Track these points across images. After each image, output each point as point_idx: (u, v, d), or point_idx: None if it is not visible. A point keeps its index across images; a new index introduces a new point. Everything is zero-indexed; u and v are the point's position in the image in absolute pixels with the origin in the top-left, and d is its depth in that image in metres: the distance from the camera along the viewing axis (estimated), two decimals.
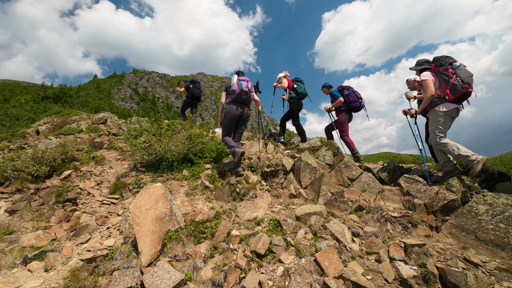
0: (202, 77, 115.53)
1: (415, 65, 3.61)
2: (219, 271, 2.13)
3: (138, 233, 2.48)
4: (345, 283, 1.96)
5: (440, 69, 3.22)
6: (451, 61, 3.22)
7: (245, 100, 4.07)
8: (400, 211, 2.95)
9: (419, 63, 3.54)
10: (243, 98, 4.02)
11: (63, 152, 5.19)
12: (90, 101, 23.76)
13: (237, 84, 4.01)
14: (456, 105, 3.16)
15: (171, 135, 5.57)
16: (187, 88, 8.29)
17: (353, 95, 4.93)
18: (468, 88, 3.03)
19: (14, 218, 3.74)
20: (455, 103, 3.15)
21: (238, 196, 3.60)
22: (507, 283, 1.88)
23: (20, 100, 15.08)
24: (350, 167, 3.79)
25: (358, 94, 4.97)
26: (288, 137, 6.25)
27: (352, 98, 4.91)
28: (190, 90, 8.21)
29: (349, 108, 4.95)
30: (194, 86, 8.25)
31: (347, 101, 4.92)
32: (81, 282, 2.07)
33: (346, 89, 5.02)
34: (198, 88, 8.30)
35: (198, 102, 8.49)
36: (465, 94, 3.07)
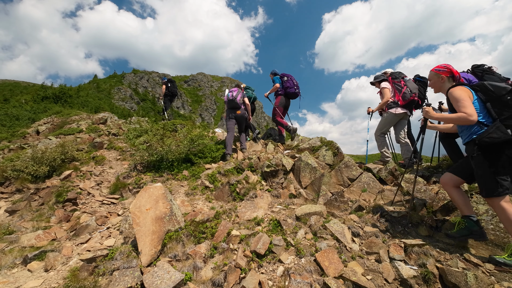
0: (202, 77, 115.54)
1: (374, 79, 4.53)
2: (219, 271, 2.13)
3: (138, 233, 2.48)
4: (345, 283, 1.96)
5: (395, 81, 4.19)
6: (403, 76, 4.21)
7: (234, 105, 5.14)
8: (400, 211, 2.95)
9: (377, 77, 4.48)
10: (232, 105, 5.16)
11: (63, 152, 5.20)
12: (90, 101, 23.75)
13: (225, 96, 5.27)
14: (406, 109, 4.09)
15: (172, 135, 5.57)
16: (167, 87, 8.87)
17: (291, 82, 5.38)
18: (414, 96, 3.99)
19: (14, 218, 3.75)
20: (405, 108, 4.10)
21: (238, 196, 3.59)
22: (507, 283, 1.88)
23: (20, 100, 15.09)
24: (350, 167, 3.79)
25: (295, 82, 5.43)
26: (288, 137, 6.26)
27: (289, 84, 5.37)
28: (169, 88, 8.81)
29: (285, 93, 5.39)
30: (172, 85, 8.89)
31: (284, 86, 5.40)
32: (81, 282, 2.07)
33: (286, 76, 5.49)
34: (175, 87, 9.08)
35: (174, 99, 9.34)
36: (412, 101, 4.03)
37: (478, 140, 2.03)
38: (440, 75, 2.43)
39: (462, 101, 2.06)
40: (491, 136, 1.95)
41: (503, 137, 1.92)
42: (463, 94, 2.09)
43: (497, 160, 1.98)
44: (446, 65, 2.43)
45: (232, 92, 5.21)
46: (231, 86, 5.59)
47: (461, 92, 2.11)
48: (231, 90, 5.30)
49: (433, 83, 2.50)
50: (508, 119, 1.98)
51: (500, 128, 1.95)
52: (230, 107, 5.19)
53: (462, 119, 2.03)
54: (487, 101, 2.09)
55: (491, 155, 2.01)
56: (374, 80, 4.57)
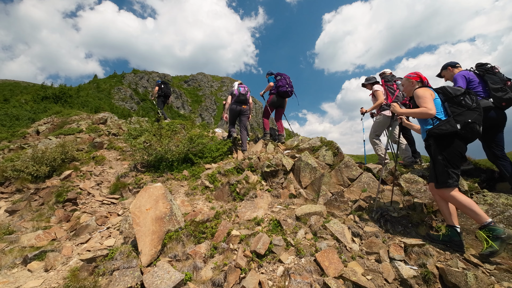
0: (202, 77, 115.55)
1: (365, 81, 4.59)
2: (219, 271, 2.13)
3: (138, 233, 2.48)
4: (345, 283, 1.96)
5: (388, 84, 4.30)
6: (396, 79, 4.32)
7: (243, 100, 5.40)
8: (400, 211, 2.95)
9: (369, 79, 4.54)
10: (241, 99, 5.38)
11: (63, 152, 5.20)
12: (90, 101, 23.75)
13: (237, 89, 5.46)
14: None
15: (171, 135, 5.57)
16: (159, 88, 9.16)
17: (283, 81, 5.38)
18: (406, 100, 4.11)
19: (14, 218, 3.75)
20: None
21: (238, 196, 3.59)
22: (507, 283, 1.88)
23: (20, 100, 15.09)
24: (350, 167, 3.79)
25: (289, 81, 5.42)
26: (288, 137, 6.27)
27: (281, 83, 5.37)
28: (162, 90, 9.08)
29: (278, 93, 5.39)
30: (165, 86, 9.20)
31: (277, 85, 5.40)
32: (81, 282, 2.07)
33: (279, 76, 5.48)
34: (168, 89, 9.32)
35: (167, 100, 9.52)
36: (404, 104, 4.15)
37: (429, 131, 2.35)
38: (411, 80, 2.74)
39: (424, 98, 2.39)
40: (440, 128, 2.27)
41: (450, 129, 2.22)
42: (426, 92, 2.43)
43: (447, 153, 2.28)
44: (416, 72, 2.76)
45: (244, 88, 5.51)
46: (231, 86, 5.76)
47: (423, 91, 2.46)
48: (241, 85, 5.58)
49: (405, 87, 2.81)
50: (459, 115, 2.28)
51: (450, 122, 2.25)
52: (239, 101, 5.40)
53: (423, 112, 2.33)
54: (445, 101, 2.42)
55: (442, 147, 2.30)
56: (365, 82, 4.62)
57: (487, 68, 3.11)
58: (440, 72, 3.70)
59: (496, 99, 2.92)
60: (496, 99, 2.92)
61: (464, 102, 2.30)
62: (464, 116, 2.25)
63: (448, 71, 3.54)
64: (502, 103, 2.90)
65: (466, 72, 3.23)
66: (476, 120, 2.23)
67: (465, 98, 2.31)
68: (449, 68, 3.53)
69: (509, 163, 2.98)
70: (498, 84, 2.93)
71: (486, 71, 3.10)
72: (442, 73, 3.68)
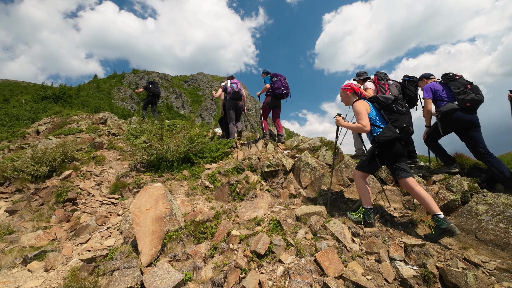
0: (202, 77, 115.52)
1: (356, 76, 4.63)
2: (219, 271, 2.13)
3: (138, 233, 2.48)
4: (345, 283, 1.96)
5: (380, 82, 4.31)
6: (388, 78, 4.37)
7: (238, 96, 5.80)
8: (400, 211, 2.95)
9: (360, 74, 4.57)
10: (237, 95, 5.76)
11: (63, 152, 5.19)
12: (90, 101, 23.75)
13: (230, 87, 5.79)
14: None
15: (172, 135, 5.58)
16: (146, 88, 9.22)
17: (279, 83, 5.37)
18: None
19: (14, 218, 3.75)
20: None
21: (238, 196, 3.60)
22: (507, 283, 1.88)
23: (20, 100, 15.09)
24: (350, 167, 3.79)
25: (285, 83, 5.41)
26: (288, 137, 6.28)
27: (277, 85, 5.36)
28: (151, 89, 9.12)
29: (273, 94, 5.40)
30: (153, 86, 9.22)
31: (273, 87, 5.40)
32: (81, 282, 2.07)
33: (276, 77, 5.47)
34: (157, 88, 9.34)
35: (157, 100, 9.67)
36: None
37: (377, 138, 2.59)
38: (346, 92, 3.00)
39: (360, 115, 2.66)
40: (385, 135, 2.54)
41: (393, 136, 2.53)
42: (361, 108, 2.69)
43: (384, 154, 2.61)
44: (349, 84, 3.02)
45: (236, 84, 5.79)
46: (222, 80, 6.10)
47: (360, 106, 2.71)
48: (233, 82, 5.86)
49: (342, 98, 3.09)
50: (395, 121, 2.60)
51: (391, 129, 2.56)
52: (234, 98, 5.75)
53: (359, 128, 2.64)
54: (381, 109, 2.72)
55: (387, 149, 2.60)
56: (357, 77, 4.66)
57: (449, 76, 3.52)
58: (417, 82, 4.22)
59: (460, 101, 3.28)
60: (460, 101, 3.27)
61: (396, 109, 2.63)
62: (399, 121, 2.59)
63: (423, 82, 4.03)
64: (466, 104, 3.23)
65: (432, 84, 3.64)
66: (409, 123, 2.61)
67: (397, 105, 2.65)
68: (423, 79, 4.03)
69: (494, 158, 3.19)
70: (460, 88, 3.30)
71: (448, 80, 3.49)
72: (418, 83, 4.18)
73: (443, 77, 3.62)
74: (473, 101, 3.20)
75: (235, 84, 5.81)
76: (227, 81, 5.96)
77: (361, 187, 2.71)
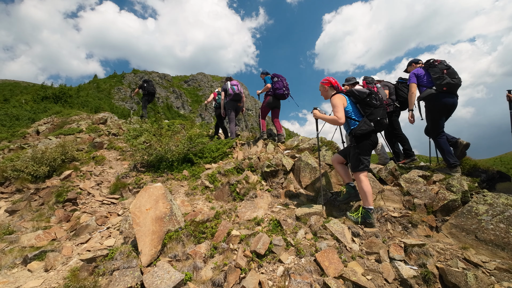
0: (202, 77, 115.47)
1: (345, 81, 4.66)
2: (219, 271, 2.13)
3: (138, 233, 2.48)
4: (345, 283, 1.96)
5: (369, 86, 4.44)
6: (376, 82, 4.60)
7: (239, 98, 6.09)
8: (400, 211, 2.95)
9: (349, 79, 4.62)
10: (238, 97, 6.03)
11: (63, 152, 5.19)
12: (90, 101, 23.74)
13: (231, 89, 5.98)
14: None
15: (171, 135, 5.58)
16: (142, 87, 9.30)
17: (280, 83, 5.39)
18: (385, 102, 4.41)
19: (14, 218, 3.75)
20: None
21: (238, 196, 3.59)
22: (507, 283, 1.88)
23: (20, 100, 15.08)
24: None
25: (285, 84, 5.43)
26: (288, 137, 6.28)
27: (278, 85, 5.37)
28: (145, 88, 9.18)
29: (274, 94, 5.40)
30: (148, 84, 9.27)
31: (274, 87, 5.40)
32: (81, 282, 2.07)
33: (276, 77, 5.49)
34: (151, 86, 9.38)
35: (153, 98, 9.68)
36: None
37: (354, 132, 2.75)
38: (324, 85, 3.14)
39: (336, 108, 2.76)
40: (361, 129, 2.70)
41: (368, 129, 2.69)
42: (338, 101, 2.80)
43: (363, 145, 2.75)
44: (327, 78, 3.15)
45: (237, 86, 6.03)
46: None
47: (336, 100, 2.82)
48: (233, 83, 6.07)
49: (321, 92, 3.22)
50: (370, 115, 2.76)
51: (366, 122, 2.72)
52: (235, 99, 6.03)
53: (334, 120, 2.74)
54: (357, 102, 2.87)
55: (360, 142, 2.75)
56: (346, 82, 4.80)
57: (430, 63, 3.68)
58: (407, 67, 4.32)
59: (437, 86, 3.46)
60: (437, 86, 3.46)
61: (371, 103, 2.78)
62: (374, 115, 2.75)
63: (412, 67, 4.20)
64: (443, 88, 3.41)
65: (417, 69, 3.81)
66: (383, 116, 2.77)
67: (371, 99, 2.79)
68: (413, 65, 4.19)
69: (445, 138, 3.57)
70: (437, 74, 3.48)
71: (429, 66, 3.65)
72: (408, 68, 4.30)
73: (426, 63, 3.79)
74: (449, 85, 3.37)
75: (236, 86, 6.03)
76: (227, 82, 6.17)
77: (363, 187, 2.73)
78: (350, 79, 4.68)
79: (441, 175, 3.36)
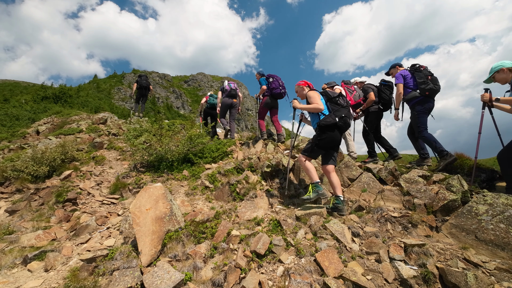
0: (202, 77, 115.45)
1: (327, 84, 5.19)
2: (219, 271, 2.13)
3: (138, 233, 2.48)
4: (345, 283, 1.96)
5: (347, 86, 5.07)
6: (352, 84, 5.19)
7: (234, 94, 6.46)
8: (400, 211, 2.95)
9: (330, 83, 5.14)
10: (232, 93, 6.44)
11: (63, 152, 5.19)
12: (90, 101, 23.71)
13: (228, 85, 6.49)
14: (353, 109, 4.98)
15: (172, 135, 5.58)
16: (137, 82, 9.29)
17: (276, 83, 5.48)
18: (361, 100, 4.92)
19: (14, 218, 3.75)
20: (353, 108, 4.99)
21: (238, 196, 3.59)
22: (507, 283, 1.88)
23: (20, 100, 15.07)
24: (350, 167, 3.79)
25: (281, 83, 5.54)
26: (288, 137, 6.29)
27: (274, 85, 5.46)
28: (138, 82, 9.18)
29: (271, 94, 5.48)
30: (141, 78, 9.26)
31: (270, 87, 5.48)
32: (81, 282, 2.07)
33: (271, 77, 5.58)
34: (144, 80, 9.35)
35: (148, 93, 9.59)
36: (359, 104, 4.95)
37: (318, 123, 3.04)
38: (300, 86, 3.53)
39: (314, 98, 3.17)
40: (326, 120, 3.00)
41: (331, 121, 2.98)
42: (315, 94, 3.23)
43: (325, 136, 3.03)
44: (303, 81, 3.57)
45: (233, 84, 6.57)
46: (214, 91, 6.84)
47: (313, 93, 3.25)
48: (230, 82, 6.59)
49: (298, 92, 3.56)
50: (337, 111, 3.06)
51: (332, 116, 3.02)
52: (230, 95, 6.42)
53: (315, 107, 3.08)
54: (327, 100, 3.20)
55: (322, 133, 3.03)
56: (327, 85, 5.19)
57: (416, 67, 4.01)
58: (389, 70, 4.59)
59: (421, 90, 3.81)
60: (421, 90, 3.81)
61: (339, 102, 3.12)
62: (340, 112, 3.05)
63: (396, 69, 4.44)
64: (426, 93, 3.77)
65: (403, 71, 4.09)
66: (347, 115, 3.08)
67: (340, 99, 3.15)
68: (396, 67, 4.44)
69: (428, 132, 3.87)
70: (422, 79, 3.82)
71: (415, 70, 3.97)
72: (390, 71, 4.57)
73: (411, 67, 4.09)
74: (432, 90, 3.74)
75: (232, 83, 6.55)
76: (225, 81, 6.66)
77: (306, 166, 3.09)
78: (330, 83, 5.21)
79: (441, 175, 3.36)
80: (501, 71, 2.91)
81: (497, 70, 2.94)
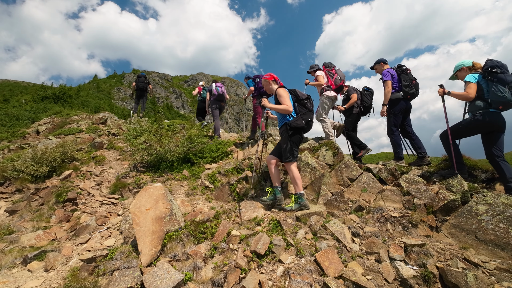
0: (202, 77, 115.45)
1: (310, 68, 5.19)
2: (219, 271, 2.13)
3: (138, 233, 2.48)
4: (345, 283, 1.96)
5: (328, 69, 5.02)
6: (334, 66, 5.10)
7: (222, 98, 6.89)
8: (400, 211, 2.95)
9: (313, 67, 5.15)
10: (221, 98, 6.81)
11: (63, 152, 5.19)
12: (90, 101, 23.71)
13: (215, 90, 6.73)
14: (335, 93, 4.92)
15: (171, 135, 5.58)
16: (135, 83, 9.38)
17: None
18: (343, 82, 4.96)
19: (14, 218, 3.75)
20: (336, 92, 4.94)
21: (238, 196, 3.59)
22: (507, 283, 1.88)
23: (20, 100, 15.07)
24: (350, 167, 3.79)
25: None
26: None
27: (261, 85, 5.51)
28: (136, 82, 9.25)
29: (260, 93, 5.61)
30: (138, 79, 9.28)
31: (257, 87, 5.63)
32: (81, 282, 2.07)
33: (258, 78, 5.73)
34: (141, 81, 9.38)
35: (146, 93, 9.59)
36: (341, 86, 4.95)
37: (290, 124, 3.07)
38: (267, 80, 3.41)
39: (284, 98, 3.09)
40: (297, 123, 3.05)
41: (301, 124, 3.05)
42: (284, 93, 3.14)
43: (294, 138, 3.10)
44: (270, 74, 3.46)
45: (221, 88, 6.83)
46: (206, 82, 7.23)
47: (283, 92, 3.15)
48: (217, 85, 6.85)
49: (265, 87, 3.47)
50: (304, 114, 3.11)
51: (301, 119, 3.07)
52: (218, 99, 6.81)
53: (285, 109, 3.04)
54: (295, 101, 3.20)
55: (292, 135, 3.08)
56: (310, 69, 5.21)
57: (403, 69, 4.08)
58: (374, 65, 4.51)
59: (404, 93, 3.94)
60: (404, 93, 3.94)
61: (307, 105, 3.15)
62: (306, 116, 3.12)
63: (380, 65, 4.38)
64: (407, 96, 3.94)
65: (391, 70, 4.12)
66: (312, 118, 3.18)
67: (307, 102, 3.17)
68: (381, 64, 4.37)
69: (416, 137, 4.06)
70: (407, 82, 3.94)
71: (402, 72, 4.05)
72: (375, 66, 4.49)
73: (398, 67, 4.15)
74: (413, 95, 3.95)
75: (220, 88, 6.83)
76: (213, 83, 6.93)
77: (298, 175, 3.07)
78: (313, 66, 5.18)
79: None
80: (462, 70, 3.17)
81: (459, 69, 3.19)
